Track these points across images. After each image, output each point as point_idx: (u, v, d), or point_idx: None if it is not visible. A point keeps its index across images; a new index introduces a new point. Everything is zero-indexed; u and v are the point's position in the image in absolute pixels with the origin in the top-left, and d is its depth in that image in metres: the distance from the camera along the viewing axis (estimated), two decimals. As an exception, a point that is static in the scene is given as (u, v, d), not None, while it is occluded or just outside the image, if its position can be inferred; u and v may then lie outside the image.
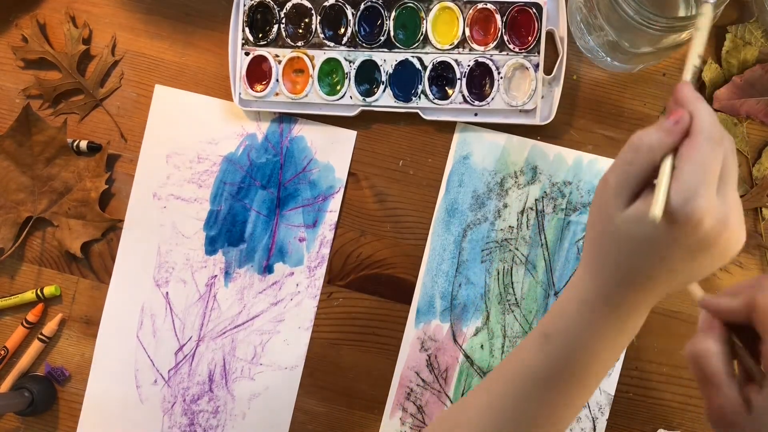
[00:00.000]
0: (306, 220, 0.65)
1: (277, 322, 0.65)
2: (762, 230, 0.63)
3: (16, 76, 0.67)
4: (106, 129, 0.67)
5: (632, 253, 0.39)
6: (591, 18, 0.57)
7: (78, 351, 0.67)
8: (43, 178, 0.66)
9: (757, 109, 0.61)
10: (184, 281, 0.66)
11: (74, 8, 0.67)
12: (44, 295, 0.66)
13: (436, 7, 0.62)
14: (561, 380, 0.42)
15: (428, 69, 0.63)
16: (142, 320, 0.66)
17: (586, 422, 0.64)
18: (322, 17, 0.64)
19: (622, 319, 0.41)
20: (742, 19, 0.62)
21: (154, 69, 0.67)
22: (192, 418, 0.66)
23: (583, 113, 0.64)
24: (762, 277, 0.38)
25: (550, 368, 0.42)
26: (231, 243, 0.66)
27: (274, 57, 0.64)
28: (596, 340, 0.41)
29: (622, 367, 0.64)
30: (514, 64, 0.62)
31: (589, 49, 0.62)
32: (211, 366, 0.66)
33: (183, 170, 0.66)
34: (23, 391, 0.64)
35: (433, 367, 0.64)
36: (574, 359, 0.42)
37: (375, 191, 0.65)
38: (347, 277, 0.65)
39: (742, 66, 0.62)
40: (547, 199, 0.64)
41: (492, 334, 0.64)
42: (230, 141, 0.66)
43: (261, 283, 0.66)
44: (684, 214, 0.35)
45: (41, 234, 0.67)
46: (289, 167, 0.66)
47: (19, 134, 0.64)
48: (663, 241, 0.37)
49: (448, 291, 0.64)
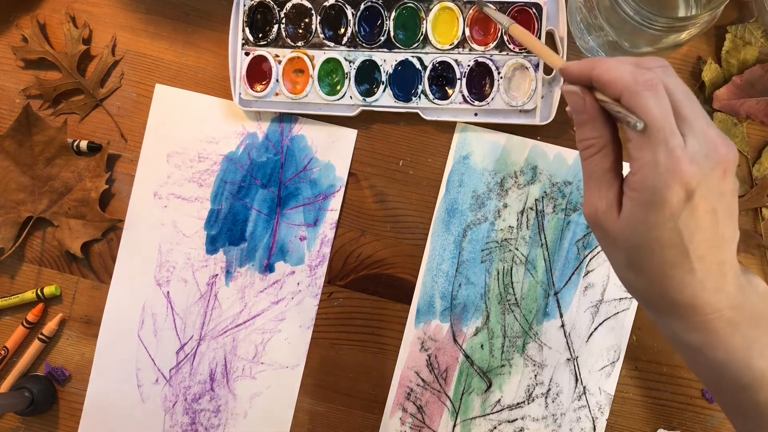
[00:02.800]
0: (307, 219, 0.65)
1: (278, 321, 0.65)
2: (762, 230, 0.63)
3: (16, 76, 0.67)
4: (106, 129, 0.67)
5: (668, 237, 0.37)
6: (591, 18, 0.57)
7: (78, 351, 0.67)
8: (43, 178, 0.66)
9: (757, 109, 0.61)
10: (185, 280, 0.66)
11: (74, 8, 0.67)
12: (44, 295, 0.66)
13: (436, 7, 0.62)
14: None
15: (428, 69, 0.63)
16: (143, 319, 0.66)
17: (586, 422, 0.64)
18: (322, 17, 0.63)
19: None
20: (742, 19, 0.62)
21: (154, 69, 0.67)
22: (193, 417, 0.66)
23: (583, 113, 0.64)
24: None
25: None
26: (232, 242, 0.66)
27: (274, 57, 0.64)
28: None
29: (622, 367, 0.64)
30: (514, 64, 0.62)
31: (589, 49, 0.62)
32: (212, 365, 0.66)
33: (184, 169, 0.66)
34: (23, 391, 0.64)
35: (433, 367, 0.65)
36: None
37: (375, 191, 0.65)
38: (347, 277, 0.65)
39: (742, 66, 0.62)
40: (547, 199, 0.64)
41: (492, 334, 0.64)
42: (231, 140, 0.66)
43: (262, 282, 0.66)
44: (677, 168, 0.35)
45: (41, 234, 0.67)
46: (290, 166, 0.66)
47: (19, 134, 0.64)
48: (675, 199, 0.36)
49: (448, 291, 0.64)
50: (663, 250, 0.36)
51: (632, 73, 0.37)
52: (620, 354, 0.63)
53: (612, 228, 0.38)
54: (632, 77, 0.36)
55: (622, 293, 0.63)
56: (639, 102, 0.36)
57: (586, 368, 0.64)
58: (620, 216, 0.38)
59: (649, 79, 0.36)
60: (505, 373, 0.64)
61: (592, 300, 0.63)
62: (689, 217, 0.35)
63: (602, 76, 0.38)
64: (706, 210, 0.36)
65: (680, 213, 0.35)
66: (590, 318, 0.63)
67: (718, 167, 0.35)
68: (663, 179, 0.35)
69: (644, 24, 0.50)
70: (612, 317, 0.63)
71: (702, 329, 0.38)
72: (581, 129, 0.40)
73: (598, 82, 0.38)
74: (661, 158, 0.35)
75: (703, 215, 0.36)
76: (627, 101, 0.36)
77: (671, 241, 0.36)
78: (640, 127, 0.35)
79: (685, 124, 0.36)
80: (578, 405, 0.64)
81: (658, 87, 0.36)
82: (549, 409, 0.64)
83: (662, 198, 0.35)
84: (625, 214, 0.37)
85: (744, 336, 0.38)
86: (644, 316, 0.63)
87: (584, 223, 0.63)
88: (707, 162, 0.35)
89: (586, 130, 0.40)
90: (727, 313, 0.37)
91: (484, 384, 0.64)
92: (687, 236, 0.36)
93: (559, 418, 0.64)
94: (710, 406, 0.64)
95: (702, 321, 0.38)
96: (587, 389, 0.64)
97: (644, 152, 0.36)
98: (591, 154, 0.40)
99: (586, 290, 0.63)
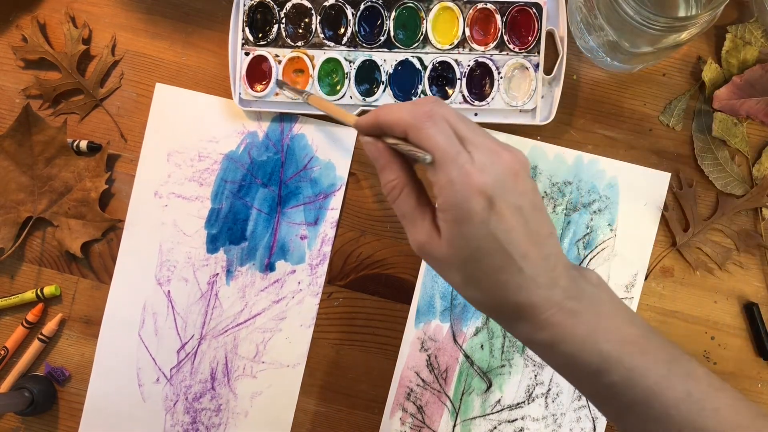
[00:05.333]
0: (307, 217, 0.65)
1: (279, 320, 0.66)
2: (762, 230, 0.63)
3: (16, 76, 0.67)
4: (106, 129, 0.67)
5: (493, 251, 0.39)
6: (591, 18, 0.57)
7: (78, 351, 0.67)
8: (43, 178, 0.66)
9: (757, 109, 0.61)
10: (186, 279, 0.66)
11: (74, 8, 0.67)
12: (44, 295, 0.66)
13: (436, 7, 0.62)
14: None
15: (428, 69, 0.63)
16: (143, 319, 0.66)
17: (586, 422, 0.64)
18: (322, 17, 0.63)
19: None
20: (742, 19, 0.62)
21: (154, 69, 0.66)
22: (194, 416, 0.66)
23: (583, 113, 0.64)
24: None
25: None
26: (232, 241, 0.66)
27: (274, 57, 0.64)
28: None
29: (621, 367, 0.64)
30: (514, 64, 0.62)
31: (589, 49, 0.62)
32: (213, 364, 0.66)
33: (184, 168, 0.66)
34: (23, 391, 0.64)
35: (433, 367, 0.65)
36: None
37: (375, 191, 0.65)
38: (347, 277, 0.65)
39: (742, 66, 0.62)
40: (547, 199, 0.64)
41: (492, 334, 0.64)
42: (231, 139, 0.66)
43: (263, 281, 0.66)
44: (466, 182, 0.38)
45: (41, 234, 0.67)
46: (290, 165, 0.66)
47: (19, 134, 0.64)
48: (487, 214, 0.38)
49: (448, 291, 0.64)
50: (488, 257, 0.39)
51: (410, 111, 0.40)
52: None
53: (438, 253, 0.40)
54: (410, 114, 0.40)
55: (622, 293, 0.63)
56: (423, 134, 0.39)
57: (585, 368, 0.64)
58: (441, 239, 0.40)
59: (426, 111, 0.39)
60: (505, 373, 0.64)
61: (592, 300, 0.63)
62: (498, 220, 0.38)
63: (385, 119, 0.41)
64: (511, 210, 0.38)
65: (489, 219, 0.38)
66: (590, 318, 0.63)
67: (508, 171, 0.38)
68: (462, 194, 0.38)
69: (644, 24, 0.50)
70: (612, 317, 0.63)
71: (548, 326, 0.40)
72: (382, 174, 0.43)
73: (384, 126, 0.41)
74: (454, 176, 0.38)
75: (510, 216, 0.38)
76: (413, 137, 0.39)
77: (491, 247, 0.38)
78: (428, 160, 0.38)
79: (467, 143, 0.39)
80: (578, 405, 0.64)
81: (435, 116, 0.39)
82: (549, 410, 0.64)
83: (467, 210, 0.38)
84: (444, 236, 0.39)
85: (587, 325, 0.40)
86: (645, 317, 0.63)
87: (584, 223, 0.63)
88: (495, 168, 0.38)
89: (386, 174, 0.43)
90: (566, 305, 0.40)
91: (484, 384, 0.64)
92: (503, 238, 0.38)
93: (559, 418, 0.64)
94: (710, 405, 0.64)
95: (545, 318, 0.40)
96: (587, 389, 0.64)
97: (439, 176, 0.38)
98: (396, 196, 0.42)
99: (586, 290, 0.63)
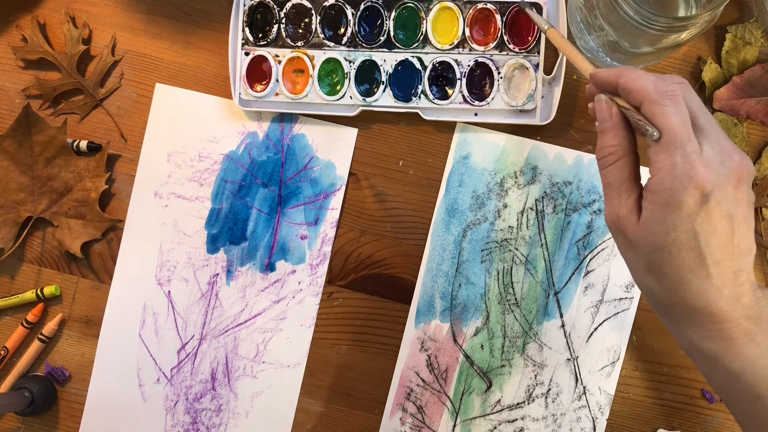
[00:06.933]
0: (307, 217, 0.65)
1: (279, 320, 0.66)
2: (762, 230, 0.63)
3: (16, 76, 0.67)
4: (106, 129, 0.67)
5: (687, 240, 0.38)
6: (591, 18, 0.57)
7: (78, 351, 0.67)
8: (43, 178, 0.66)
9: (757, 109, 0.61)
10: (186, 280, 0.66)
11: (74, 8, 0.67)
12: (44, 295, 0.66)
13: (436, 7, 0.62)
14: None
15: (428, 69, 0.63)
16: (144, 319, 0.66)
17: (586, 422, 0.64)
18: (322, 17, 0.63)
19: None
20: (742, 19, 0.62)
21: (154, 69, 0.66)
22: (195, 416, 0.66)
23: (583, 113, 0.64)
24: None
25: None
26: (233, 241, 0.66)
27: (274, 57, 0.64)
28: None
29: (622, 367, 0.64)
30: (514, 64, 0.62)
31: (589, 49, 0.62)
32: (213, 364, 0.66)
33: (184, 168, 0.66)
34: (23, 391, 0.64)
35: (433, 367, 0.65)
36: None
37: (375, 191, 0.65)
38: (347, 277, 0.65)
39: (742, 66, 0.62)
40: (547, 199, 0.64)
41: (492, 334, 0.64)
42: (231, 139, 0.66)
43: (263, 281, 0.66)
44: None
45: (41, 234, 0.67)
46: (290, 165, 0.66)
47: (19, 134, 0.64)
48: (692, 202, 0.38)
49: (448, 291, 0.64)
50: (680, 253, 0.38)
51: (655, 83, 0.39)
52: (620, 354, 0.64)
53: (632, 232, 0.40)
54: (655, 87, 0.39)
55: (622, 293, 0.63)
56: (659, 110, 0.38)
57: (586, 368, 0.64)
58: (640, 220, 0.39)
59: (670, 90, 0.39)
60: (505, 374, 0.64)
61: (593, 300, 0.63)
62: (705, 220, 0.37)
63: (628, 84, 0.40)
64: (722, 215, 0.37)
65: (696, 215, 0.37)
66: (590, 318, 0.63)
67: (733, 174, 0.37)
68: (679, 181, 0.37)
69: (644, 24, 0.50)
70: (612, 317, 0.63)
71: (718, 338, 0.39)
72: (604, 136, 0.42)
73: (623, 90, 0.41)
74: (678, 162, 0.37)
75: (719, 219, 0.37)
76: (647, 109, 0.39)
77: (688, 244, 0.38)
78: (656, 137, 0.38)
79: (701, 134, 0.38)
80: (578, 405, 0.64)
81: (678, 98, 0.38)
82: (549, 409, 0.64)
83: (679, 199, 0.37)
84: (645, 217, 0.39)
85: (760, 347, 0.39)
86: (645, 317, 0.63)
87: (584, 223, 0.63)
88: (722, 168, 0.37)
89: (608, 138, 0.42)
90: (743, 323, 0.39)
91: (484, 384, 0.64)
92: (703, 239, 0.37)
93: (559, 418, 0.64)
94: (710, 406, 0.64)
95: (718, 329, 0.39)
96: (587, 389, 0.64)
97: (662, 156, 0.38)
98: (610, 162, 0.42)
99: (586, 290, 0.64)
